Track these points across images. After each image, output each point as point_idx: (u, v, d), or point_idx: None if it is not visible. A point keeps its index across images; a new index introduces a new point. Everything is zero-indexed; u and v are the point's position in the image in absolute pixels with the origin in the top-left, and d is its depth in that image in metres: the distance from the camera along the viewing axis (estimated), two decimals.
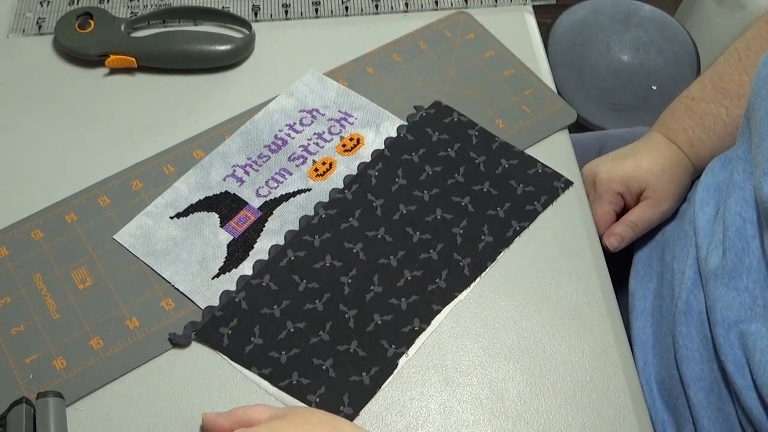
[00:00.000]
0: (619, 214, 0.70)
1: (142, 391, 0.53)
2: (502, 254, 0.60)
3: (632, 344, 0.64)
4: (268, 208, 0.62)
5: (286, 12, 0.76)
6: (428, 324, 0.57)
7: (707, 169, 0.66)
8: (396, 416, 0.53)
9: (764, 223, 0.52)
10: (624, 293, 0.68)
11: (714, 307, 0.54)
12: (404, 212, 0.62)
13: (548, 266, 0.60)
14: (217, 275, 0.58)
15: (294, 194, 0.62)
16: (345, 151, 0.65)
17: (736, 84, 0.67)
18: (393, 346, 0.55)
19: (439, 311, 0.57)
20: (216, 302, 0.57)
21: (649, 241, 0.69)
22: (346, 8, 0.76)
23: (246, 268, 0.58)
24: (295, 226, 0.61)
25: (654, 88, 1.25)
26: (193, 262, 0.58)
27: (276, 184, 0.63)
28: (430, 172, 0.64)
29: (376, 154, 0.65)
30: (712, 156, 0.68)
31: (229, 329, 0.55)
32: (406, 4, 0.76)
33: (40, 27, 0.74)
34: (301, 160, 0.64)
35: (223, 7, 0.75)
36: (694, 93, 0.70)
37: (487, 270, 0.59)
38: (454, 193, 0.63)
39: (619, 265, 0.71)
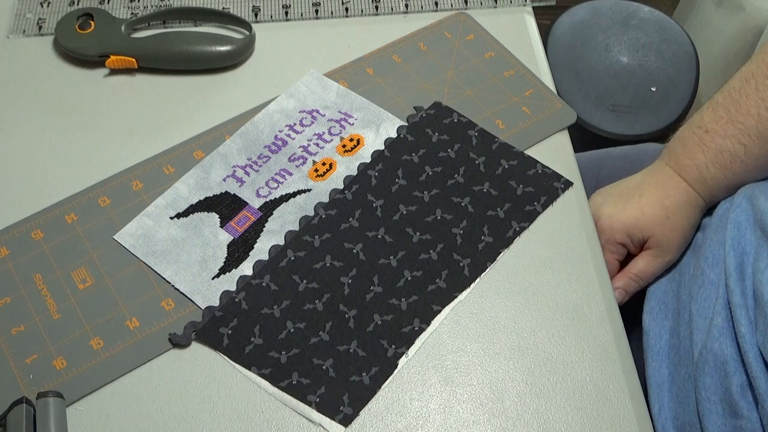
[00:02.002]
0: (625, 260, 0.67)
1: (142, 391, 0.53)
2: (502, 255, 0.60)
3: (646, 386, 0.61)
4: (268, 208, 0.62)
5: (287, 13, 0.76)
6: (428, 324, 0.57)
7: (734, 205, 0.62)
8: (396, 416, 0.53)
9: None
10: (637, 330, 0.66)
11: None
12: (404, 212, 0.62)
13: (548, 267, 0.60)
14: (217, 275, 0.58)
15: (294, 195, 0.63)
16: (345, 151, 0.65)
17: (754, 119, 0.61)
18: (393, 346, 0.55)
19: (439, 311, 0.57)
20: (216, 302, 0.57)
21: (663, 276, 0.66)
22: (346, 9, 0.76)
23: (246, 268, 0.58)
24: (295, 227, 0.61)
25: (653, 89, 1.25)
26: (193, 263, 0.59)
27: (276, 185, 0.63)
28: (430, 173, 0.64)
29: (376, 155, 0.65)
30: (727, 192, 0.64)
31: (229, 329, 0.55)
32: (406, 5, 0.76)
33: (40, 28, 0.74)
34: (301, 160, 0.65)
35: (223, 8, 0.75)
36: (708, 124, 0.64)
37: (487, 270, 0.59)
38: (454, 194, 0.63)
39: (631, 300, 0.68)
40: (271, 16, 0.76)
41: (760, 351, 0.53)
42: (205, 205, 0.62)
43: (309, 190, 0.63)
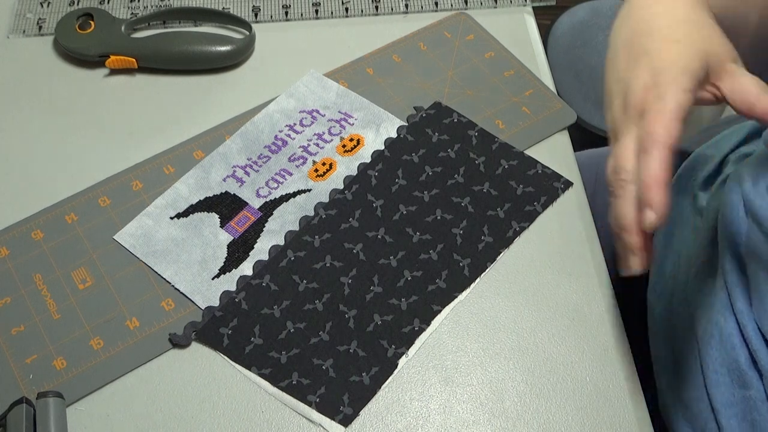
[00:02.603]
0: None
1: (142, 391, 0.53)
2: (502, 255, 0.60)
3: (653, 363, 0.62)
4: (268, 208, 0.62)
5: (287, 13, 0.76)
6: (428, 324, 0.57)
7: (727, 188, 0.60)
8: (396, 416, 0.53)
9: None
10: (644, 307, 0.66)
11: None
12: (404, 213, 0.62)
13: (548, 266, 0.60)
14: (217, 275, 0.58)
15: (294, 195, 0.63)
16: (345, 151, 0.65)
17: None
18: (393, 346, 0.55)
19: (439, 311, 0.57)
20: (216, 302, 0.57)
21: (662, 258, 0.65)
22: (346, 9, 0.76)
23: (246, 268, 0.58)
24: (295, 227, 0.61)
25: None
26: (193, 263, 0.59)
27: (276, 185, 0.63)
28: (430, 173, 0.64)
29: (376, 155, 0.65)
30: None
31: (229, 329, 0.55)
32: (406, 5, 0.76)
33: (40, 28, 0.74)
34: (301, 160, 0.65)
35: (223, 8, 0.75)
36: None
37: (487, 270, 0.59)
38: (454, 194, 0.63)
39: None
40: (271, 16, 0.76)
41: (757, 326, 0.54)
42: (205, 205, 0.62)
43: (309, 190, 0.63)
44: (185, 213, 0.61)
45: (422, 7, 0.76)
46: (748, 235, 0.58)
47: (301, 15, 0.76)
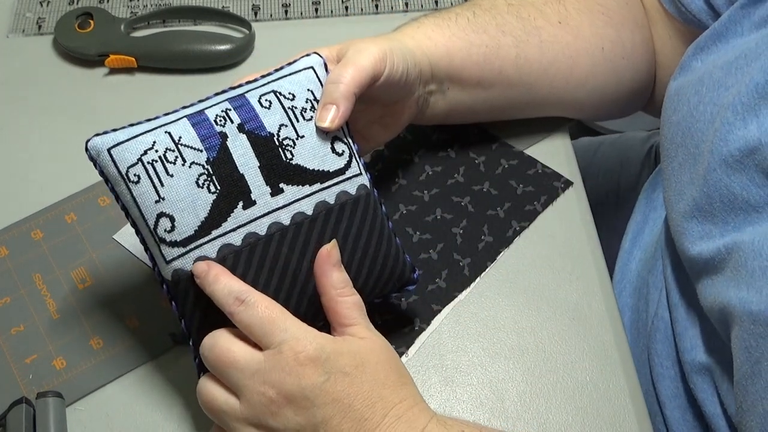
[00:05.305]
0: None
1: (142, 391, 0.53)
2: (502, 254, 0.60)
3: None
4: None
5: (286, 12, 0.76)
6: (428, 324, 0.57)
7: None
8: None
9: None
10: None
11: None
12: (404, 212, 0.62)
13: (548, 266, 0.60)
14: None
15: None
16: None
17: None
18: (393, 346, 0.55)
19: (439, 311, 0.57)
20: None
21: (627, 253, 0.67)
22: (346, 8, 0.76)
23: None
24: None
25: None
26: None
27: None
28: (430, 172, 0.64)
29: (375, 154, 0.65)
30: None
31: None
32: (406, 4, 0.76)
33: (40, 27, 0.74)
34: None
35: (222, 6, 0.75)
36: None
37: (487, 270, 0.59)
38: (454, 193, 0.63)
39: None
40: (271, 15, 0.76)
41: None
42: None
43: None
44: None
45: (422, 6, 0.76)
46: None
47: (301, 14, 0.76)
